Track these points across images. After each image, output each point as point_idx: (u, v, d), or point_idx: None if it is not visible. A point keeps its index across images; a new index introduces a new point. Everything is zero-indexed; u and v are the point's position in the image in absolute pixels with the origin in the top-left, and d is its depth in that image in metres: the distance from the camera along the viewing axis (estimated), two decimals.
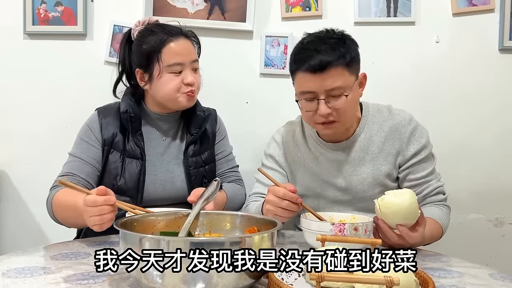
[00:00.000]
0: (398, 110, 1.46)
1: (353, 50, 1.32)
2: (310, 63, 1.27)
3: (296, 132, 1.51)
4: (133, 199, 1.41)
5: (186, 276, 0.76)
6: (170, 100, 1.44)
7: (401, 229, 1.10)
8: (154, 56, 1.40)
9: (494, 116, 1.99)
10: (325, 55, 1.26)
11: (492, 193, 2.00)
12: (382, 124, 1.43)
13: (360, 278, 0.72)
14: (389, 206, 1.10)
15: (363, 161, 1.42)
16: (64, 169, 1.41)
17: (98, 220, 1.07)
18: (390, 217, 1.10)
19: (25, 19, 1.92)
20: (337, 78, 1.27)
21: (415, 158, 1.39)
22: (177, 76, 1.41)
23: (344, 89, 1.28)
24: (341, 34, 1.34)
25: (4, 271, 0.93)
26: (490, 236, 2.01)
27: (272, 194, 1.19)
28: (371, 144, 1.41)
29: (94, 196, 1.07)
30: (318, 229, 1.07)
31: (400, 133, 1.41)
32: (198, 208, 1.06)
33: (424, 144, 1.40)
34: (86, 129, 1.46)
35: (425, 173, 1.39)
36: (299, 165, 1.48)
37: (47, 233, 2.00)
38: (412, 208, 1.09)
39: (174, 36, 1.42)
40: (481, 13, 1.97)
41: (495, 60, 1.98)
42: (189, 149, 1.51)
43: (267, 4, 1.99)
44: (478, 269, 1.03)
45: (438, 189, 1.40)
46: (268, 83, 2.02)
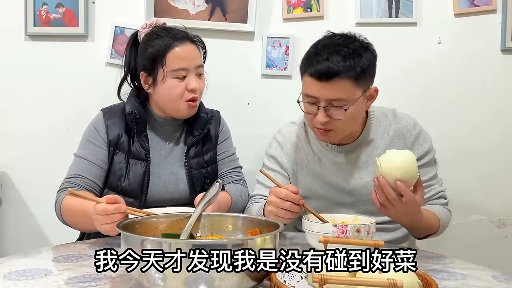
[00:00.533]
0: (403, 115, 1.46)
1: (367, 63, 1.27)
2: (317, 68, 1.25)
3: (299, 133, 1.50)
4: (137, 200, 1.42)
5: (188, 278, 0.76)
6: (172, 107, 1.44)
7: (399, 183, 1.09)
8: (159, 60, 1.40)
9: (496, 117, 1.98)
10: (334, 65, 1.24)
11: (494, 194, 1.99)
12: (387, 128, 1.42)
13: (363, 280, 0.72)
14: (389, 161, 1.11)
15: (367, 164, 1.41)
16: (72, 170, 1.41)
17: (110, 228, 1.10)
18: (390, 172, 1.10)
19: (26, 21, 1.92)
20: (341, 90, 1.25)
21: (418, 162, 1.37)
22: (181, 82, 1.41)
23: (346, 102, 1.26)
24: (360, 44, 1.29)
25: (5, 274, 0.92)
26: (492, 237, 2.01)
27: (274, 195, 1.18)
28: (376, 148, 1.41)
29: (104, 205, 1.09)
30: (320, 230, 1.07)
31: (404, 137, 1.41)
32: (200, 210, 1.06)
33: (428, 149, 1.40)
34: (92, 129, 1.46)
35: (428, 177, 1.39)
36: (301, 166, 1.47)
37: (48, 235, 1.99)
38: (412, 164, 1.11)
39: (179, 41, 1.42)
40: (483, 13, 1.96)
41: (497, 60, 1.97)
42: (191, 150, 1.50)
43: (269, 5, 1.99)
44: (481, 271, 1.03)
45: (440, 194, 1.40)
46: (270, 84, 2.01)
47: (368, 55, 1.29)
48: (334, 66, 1.23)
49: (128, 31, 1.94)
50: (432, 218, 1.31)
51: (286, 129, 1.54)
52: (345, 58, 1.24)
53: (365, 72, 1.27)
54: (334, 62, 1.24)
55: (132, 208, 1.17)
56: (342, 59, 1.24)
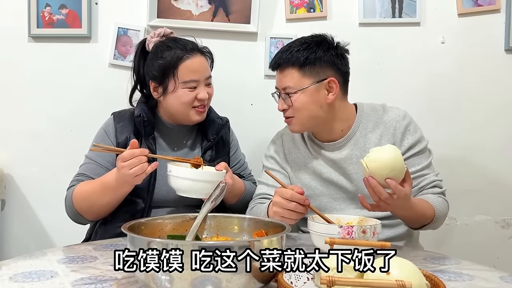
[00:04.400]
0: (392, 108, 1.48)
1: (315, 55, 1.37)
2: (273, 61, 1.42)
3: (295, 134, 1.52)
4: (143, 201, 1.43)
5: (195, 280, 0.76)
6: (182, 114, 1.48)
7: (389, 181, 1.10)
8: (170, 72, 1.43)
9: (500, 116, 1.98)
10: (282, 55, 1.38)
11: (499, 195, 1.98)
12: (377, 121, 1.45)
13: (372, 282, 0.71)
14: (374, 160, 1.11)
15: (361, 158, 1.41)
16: (80, 170, 1.46)
17: (139, 169, 1.21)
18: (377, 171, 1.11)
19: (29, 22, 1.92)
20: (287, 78, 1.38)
21: (409, 151, 1.40)
22: (191, 91, 1.44)
23: (293, 89, 1.37)
24: (318, 37, 1.41)
25: (11, 275, 0.92)
26: (497, 237, 2.00)
27: (279, 196, 1.18)
28: (367, 142, 1.43)
29: (130, 150, 1.22)
30: (326, 231, 1.06)
31: (395, 128, 1.42)
32: (205, 211, 1.06)
33: (419, 138, 1.42)
34: (102, 133, 1.51)
35: (420, 166, 1.40)
36: (300, 165, 1.49)
37: (52, 236, 1.99)
38: (398, 159, 1.11)
39: (190, 53, 1.44)
40: (486, 13, 1.96)
41: (501, 60, 1.96)
42: (207, 154, 1.53)
43: (272, 5, 1.99)
44: (488, 271, 1.02)
45: (434, 183, 1.39)
46: (273, 85, 1.99)
47: (322, 47, 1.38)
48: (282, 56, 1.39)
49: (131, 32, 1.95)
50: (425, 207, 1.30)
51: (282, 131, 1.58)
52: (292, 49, 1.38)
53: (311, 62, 1.36)
54: (283, 53, 1.39)
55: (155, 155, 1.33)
56: (289, 49, 1.38)
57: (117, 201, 1.37)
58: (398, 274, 0.74)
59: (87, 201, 1.36)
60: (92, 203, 1.36)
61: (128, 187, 1.32)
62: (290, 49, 1.38)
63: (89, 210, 1.38)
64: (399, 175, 1.12)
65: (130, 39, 1.95)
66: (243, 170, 1.65)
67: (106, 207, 1.38)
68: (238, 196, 1.50)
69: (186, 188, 1.27)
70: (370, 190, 1.14)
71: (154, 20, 1.94)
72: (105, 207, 1.38)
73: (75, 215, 1.39)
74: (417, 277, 0.75)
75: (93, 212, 1.39)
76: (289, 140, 1.53)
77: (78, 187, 1.37)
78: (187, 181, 1.27)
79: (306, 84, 1.37)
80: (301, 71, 1.36)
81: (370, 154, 1.13)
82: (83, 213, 1.38)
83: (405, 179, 1.14)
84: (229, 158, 1.61)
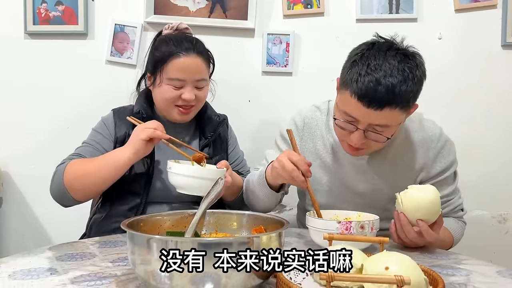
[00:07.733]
0: (429, 122, 1.39)
1: (417, 87, 1.19)
2: (367, 94, 1.14)
3: (320, 121, 1.43)
4: (140, 197, 1.42)
5: (195, 276, 0.76)
6: (164, 110, 1.49)
7: (421, 224, 1.08)
8: (159, 65, 1.43)
9: (497, 113, 1.99)
10: (388, 95, 1.13)
11: (496, 190, 1.99)
12: (411, 134, 1.36)
13: (371, 277, 0.72)
14: (411, 200, 1.09)
15: (387, 171, 1.35)
16: (76, 151, 1.44)
17: (155, 124, 1.32)
18: (411, 212, 1.09)
19: (25, 19, 1.91)
20: (389, 118, 1.17)
21: (439, 176, 1.34)
22: (176, 89, 1.43)
23: (389, 128, 1.20)
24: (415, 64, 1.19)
25: (10, 273, 0.92)
26: (494, 232, 2.01)
27: (286, 156, 1.18)
28: (399, 155, 1.34)
29: (156, 121, 1.35)
30: (324, 227, 1.07)
31: (428, 148, 1.34)
32: (204, 207, 1.05)
33: (451, 163, 1.35)
34: (101, 123, 1.51)
35: (448, 192, 1.35)
36: (314, 157, 1.41)
37: (50, 233, 1.99)
38: (435, 204, 1.09)
39: (183, 52, 1.43)
40: (483, 9, 1.96)
41: (498, 56, 1.97)
42: (204, 151, 1.52)
43: (269, 1, 1.99)
44: (486, 266, 1.03)
45: (458, 207, 1.39)
46: (270, 81, 2.01)
47: (419, 73, 1.19)
48: (385, 96, 1.13)
49: (128, 28, 1.94)
50: (446, 237, 1.29)
51: (307, 113, 1.45)
52: (400, 85, 1.14)
53: (415, 97, 1.20)
54: (388, 91, 1.13)
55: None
56: (395, 87, 1.13)
57: (112, 180, 1.32)
58: (396, 269, 0.74)
59: (80, 174, 1.32)
60: (85, 175, 1.31)
61: (133, 156, 1.30)
62: (391, 84, 1.13)
63: (80, 184, 1.32)
64: (432, 218, 1.11)
65: (127, 35, 1.95)
66: (241, 167, 1.65)
67: (98, 184, 1.33)
68: (237, 193, 1.49)
69: (186, 185, 1.27)
70: (398, 225, 1.11)
71: (151, 17, 1.93)
72: (96, 184, 1.32)
73: (61, 192, 1.33)
74: (415, 272, 0.76)
75: (83, 188, 1.33)
76: (311, 126, 1.42)
77: (74, 161, 1.35)
78: (187, 178, 1.26)
79: (403, 119, 1.23)
80: (406, 109, 1.19)
81: (409, 191, 1.10)
82: (70, 189, 1.32)
83: (437, 222, 1.12)
84: (227, 155, 1.61)
